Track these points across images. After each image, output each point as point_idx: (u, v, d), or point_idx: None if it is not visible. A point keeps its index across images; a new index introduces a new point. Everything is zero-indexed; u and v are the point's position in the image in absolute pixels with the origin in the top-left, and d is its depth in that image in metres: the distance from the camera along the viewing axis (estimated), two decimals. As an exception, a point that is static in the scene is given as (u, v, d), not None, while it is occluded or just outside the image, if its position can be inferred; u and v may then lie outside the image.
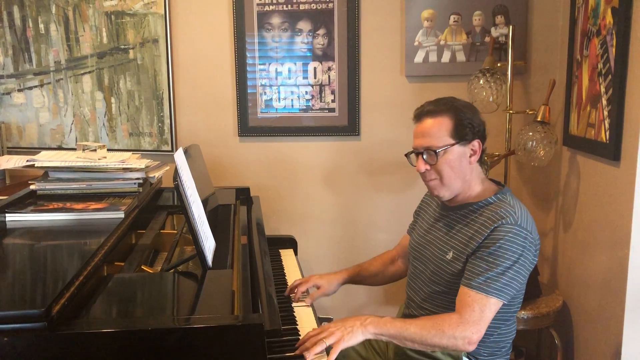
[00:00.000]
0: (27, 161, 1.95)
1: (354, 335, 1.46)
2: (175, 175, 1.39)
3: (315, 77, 2.71)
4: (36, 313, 1.05)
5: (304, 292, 1.85)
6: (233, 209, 2.08)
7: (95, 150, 2.10)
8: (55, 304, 1.09)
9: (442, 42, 2.62)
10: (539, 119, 2.33)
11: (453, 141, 1.59)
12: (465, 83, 2.45)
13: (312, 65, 2.70)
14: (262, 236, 1.98)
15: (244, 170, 2.80)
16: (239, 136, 2.77)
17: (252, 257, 1.71)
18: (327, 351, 1.42)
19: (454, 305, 1.56)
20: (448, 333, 1.45)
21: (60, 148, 2.84)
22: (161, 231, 1.91)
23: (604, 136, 1.99)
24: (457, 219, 1.65)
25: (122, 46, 2.73)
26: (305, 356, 1.38)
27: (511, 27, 2.38)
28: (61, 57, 2.78)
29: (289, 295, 1.83)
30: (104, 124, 2.81)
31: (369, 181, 2.78)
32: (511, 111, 2.43)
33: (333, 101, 2.72)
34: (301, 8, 2.65)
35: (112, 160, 1.95)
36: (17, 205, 1.73)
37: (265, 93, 2.74)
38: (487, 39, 2.58)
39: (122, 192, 1.89)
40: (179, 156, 1.49)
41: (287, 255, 2.25)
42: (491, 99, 2.35)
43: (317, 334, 1.45)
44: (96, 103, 2.80)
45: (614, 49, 1.91)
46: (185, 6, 2.70)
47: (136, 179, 1.92)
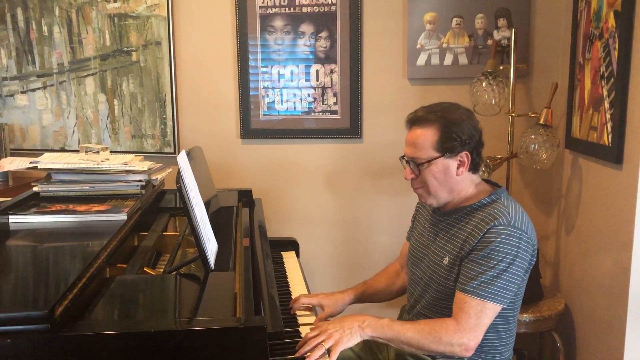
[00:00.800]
0: (30, 163, 1.95)
1: (352, 337, 1.47)
2: (177, 177, 1.39)
3: (317, 80, 2.72)
4: (39, 315, 1.06)
5: (309, 307, 1.82)
6: (235, 211, 2.08)
7: (98, 152, 2.10)
8: (58, 306, 1.09)
9: (445, 45, 2.62)
10: (541, 122, 2.33)
11: (437, 154, 1.57)
12: (467, 86, 2.45)
13: (315, 67, 2.71)
14: (264, 238, 1.98)
15: (246, 172, 2.80)
16: (241, 138, 2.78)
17: (254, 260, 1.71)
18: (328, 352, 1.43)
19: None
20: (445, 340, 1.45)
21: (63, 150, 2.84)
22: (164, 233, 1.91)
23: (607, 139, 1.98)
24: (452, 223, 1.63)
25: (125, 48, 2.74)
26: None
27: (513, 30, 2.38)
28: (64, 59, 2.78)
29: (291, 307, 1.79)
30: (107, 126, 2.82)
31: (371, 184, 2.79)
32: (513, 114, 2.42)
33: (335, 104, 2.73)
34: (304, 11, 2.66)
35: (115, 162, 1.95)
36: (20, 207, 1.73)
37: (267, 95, 2.74)
38: (490, 42, 2.58)
39: (125, 194, 1.89)
40: (182, 158, 1.49)
41: (289, 257, 2.25)
42: (493, 102, 2.35)
43: (316, 337, 1.45)
44: (99, 105, 2.80)
45: (617, 52, 1.91)
46: (188, 8, 2.70)
47: (139, 181, 1.92)
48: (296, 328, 1.62)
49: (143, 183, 1.93)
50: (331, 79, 2.71)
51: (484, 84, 2.35)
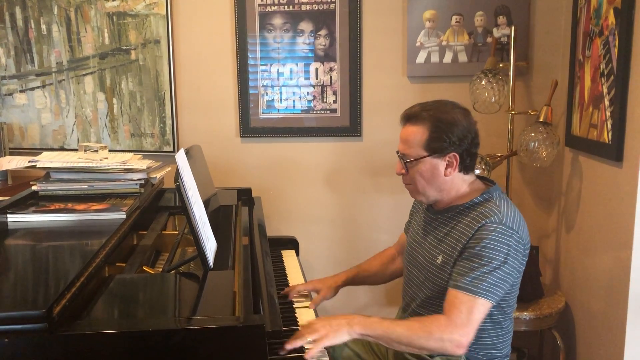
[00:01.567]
0: (29, 162, 1.95)
1: (339, 333, 1.42)
2: (176, 176, 1.38)
3: (317, 78, 2.71)
4: (37, 314, 1.05)
5: (305, 293, 1.86)
6: (234, 210, 2.08)
7: (97, 151, 2.10)
8: (56, 305, 1.09)
9: (444, 43, 2.61)
10: (541, 120, 2.32)
11: (425, 153, 1.57)
12: (467, 84, 2.45)
13: (314, 65, 2.70)
14: (264, 237, 1.98)
15: (246, 171, 2.80)
16: (241, 137, 2.77)
17: (254, 258, 1.71)
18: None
19: None
20: (435, 335, 1.42)
21: (62, 149, 2.84)
22: (163, 232, 1.91)
23: (607, 137, 1.98)
24: (445, 222, 1.63)
25: (124, 47, 2.73)
26: (282, 349, 1.36)
27: (513, 28, 2.37)
28: (63, 58, 2.78)
29: (287, 294, 1.84)
30: (106, 125, 2.81)
31: (371, 182, 2.78)
32: (513, 112, 2.42)
33: (335, 102, 2.72)
34: (303, 9, 2.65)
35: (114, 161, 1.95)
36: (19, 206, 1.73)
37: (267, 94, 2.74)
38: (489, 40, 2.58)
39: (124, 193, 1.89)
40: (180, 157, 1.49)
41: (289, 256, 2.25)
42: (493, 100, 2.34)
43: (302, 331, 1.42)
44: (98, 104, 2.80)
45: (617, 50, 1.91)
46: (187, 7, 2.70)
47: (138, 180, 1.92)
48: (296, 327, 1.61)
49: (142, 182, 1.92)
50: (330, 77, 2.70)
51: (484, 82, 2.35)
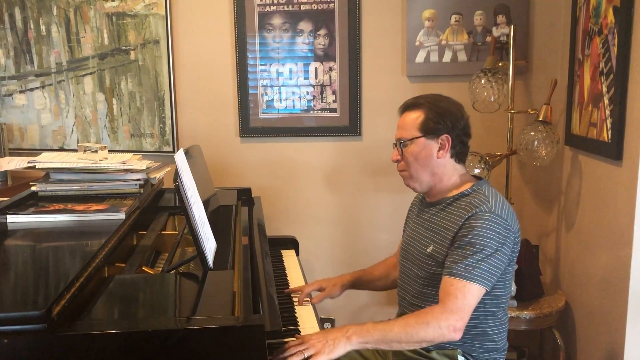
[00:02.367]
0: (29, 162, 1.95)
1: (336, 347, 1.40)
2: (175, 176, 1.38)
3: (316, 78, 2.71)
4: (36, 314, 1.05)
5: (307, 298, 1.85)
6: (234, 210, 2.07)
7: (96, 151, 2.10)
8: (55, 306, 1.09)
9: (444, 42, 2.61)
10: (541, 119, 2.32)
11: (419, 134, 1.64)
12: (466, 83, 2.45)
13: (314, 65, 2.70)
14: (264, 237, 1.98)
15: (245, 170, 2.80)
16: (240, 137, 2.77)
17: (253, 258, 1.71)
18: None
19: None
20: (432, 324, 1.44)
21: (61, 149, 2.84)
22: (162, 232, 1.91)
23: (606, 135, 1.98)
24: (435, 213, 1.68)
25: (123, 47, 2.73)
26: None
27: (512, 27, 2.37)
28: (62, 59, 2.78)
29: (290, 294, 1.84)
30: (106, 125, 2.81)
31: (371, 181, 2.78)
32: (513, 111, 2.42)
33: (334, 101, 2.72)
34: (302, 8, 2.65)
35: (114, 161, 1.95)
36: (19, 206, 1.73)
37: (266, 93, 2.74)
38: (489, 39, 2.57)
39: (123, 193, 1.88)
40: (180, 157, 1.49)
41: (289, 255, 2.25)
42: (493, 99, 2.34)
43: (298, 345, 1.39)
44: (97, 104, 2.80)
45: (616, 48, 1.91)
46: (186, 7, 2.70)
47: (137, 180, 1.92)
48: (295, 327, 1.61)
49: (142, 182, 1.92)
50: (330, 77, 2.70)
51: (483, 81, 2.35)
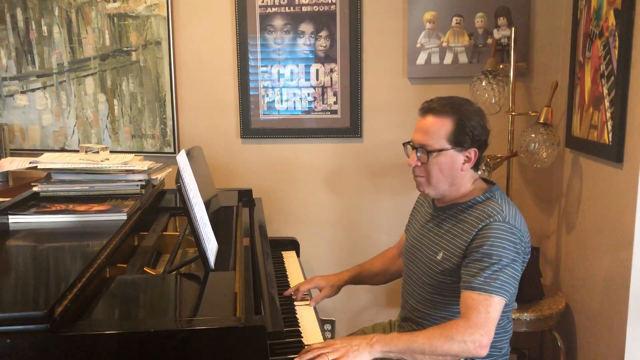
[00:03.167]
0: (30, 163, 1.95)
1: (360, 353, 1.39)
2: (177, 177, 1.39)
3: (317, 79, 2.72)
4: (39, 315, 1.05)
5: (305, 293, 1.86)
6: (235, 211, 2.08)
7: (98, 152, 2.10)
8: (57, 306, 1.09)
9: (445, 44, 2.62)
10: (542, 121, 2.32)
11: (449, 145, 1.58)
12: (467, 85, 2.45)
13: (315, 67, 2.71)
14: (265, 238, 1.98)
15: (246, 172, 2.80)
16: (241, 138, 2.78)
17: (255, 259, 1.71)
18: None
19: (446, 306, 1.57)
20: (457, 338, 1.41)
21: (62, 150, 2.84)
22: (163, 233, 1.91)
23: (607, 138, 1.98)
24: (446, 219, 1.65)
25: (125, 48, 2.74)
26: None
27: (513, 29, 2.38)
28: (64, 59, 2.78)
29: (290, 295, 1.84)
30: (107, 126, 2.82)
31: (372, 183, 2.78)
32: (513, 113, 2.42)
33: (335, 103, 2.72)
34: (303, 10, 2.66)
35: (115, 162, 1.95)
36: (20, 207, 1.73)
37: (267, 95, 2.74)
38: (490, 41, 2.58)
39: (125, 194, 1.89)
40: (182, 158, 1.49)
41: (290, 257, 2.25)
42: (493, 101, 2.35)
43: (322, 348, 1.39)
44: (99, 105, 2.80)
45: (617, 51, 1.91)
46: (187, 8, 2.70)
47: (139, 181, 1.92)
48: (296, 327, 1.61)
49: (143, 183, 1.93)
50: (331, 79, 2.71)
51: (484, 83, 2.35)
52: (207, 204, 1.69)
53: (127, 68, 2.75)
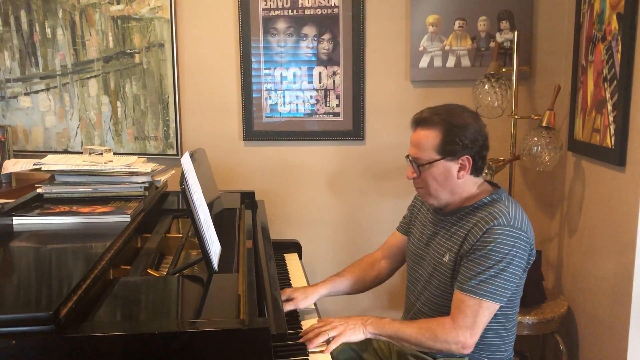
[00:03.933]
0: (34, 165, 1.95)
1: (355, 332, 1.55)
2: (182, 179, 1.39)
3: (320, 82, 2.72)
4: (44, 316, 1.06)
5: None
6: (238, 213, 2.08)
7: (101, 154, 2.11)
8: (62, 307, 1.10)
9: (447, 48, 2.62)
10: (544, 124, 2.33)
11: (438, 156, 1.59)
12: (470, 88, 2.46)
13: (317, 70, 2.71)
14: (267, 240, 1.98)
15: (249, 174, 2.80)
16: (244, 140, 2.78)
17: (258, 261, 1.71)
18: (328, 342, 1.51)
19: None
20: (441, 338, 1.49)
21: (66, 152, 2.85)
22: (167, 235, 1.92)
23: (609, 141, 1.98)
24: (453, 222, 1.65)
25: (128, 50, 2.75)
26: (307, 346, 1.46)
27: (516, 33, 2.38)
28: (67, 61, 2.79)
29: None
30: (110, 128, 2.82)
31: (374, 186, 2.79)
32: (516, 116, 2.43)
33: (338, 106, 2.73)
34: (306, 13, 2.66)
35: (118, 164, 1.95)
36: (24, 208, 1.74)
37: (270, 97, 2.75)
38: (492, 44, 2.58)
39: (128, 196, 1.89)
40: (186, 160, 1.50)
41: (292, 259, 2.26)
42: (496, 104, 2.35)
43: (321, 326, 1.53)
44: (102, 107, 2.81)
45: (619, 55, 1.91)
46: (191, 11, 2.71)
47: (142, 183, 1.93)
48: (300, 330, 1.62)
49: (146, 185, 1.93)
50: (334, 81, 2.71)
51: (487, 86, 2.35)
52: (210, 206, 1.69)
53: (131, 70, 2.76)
